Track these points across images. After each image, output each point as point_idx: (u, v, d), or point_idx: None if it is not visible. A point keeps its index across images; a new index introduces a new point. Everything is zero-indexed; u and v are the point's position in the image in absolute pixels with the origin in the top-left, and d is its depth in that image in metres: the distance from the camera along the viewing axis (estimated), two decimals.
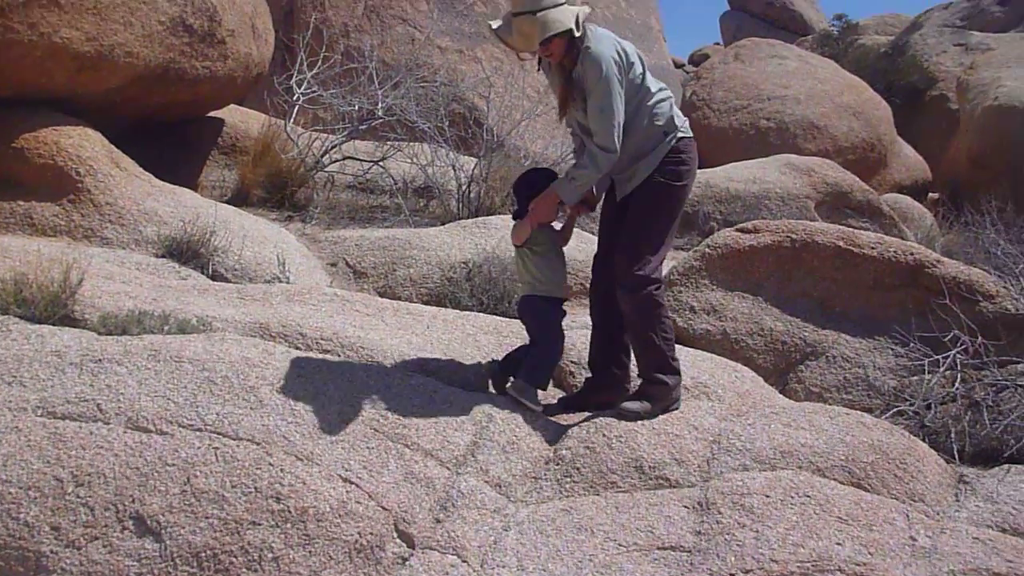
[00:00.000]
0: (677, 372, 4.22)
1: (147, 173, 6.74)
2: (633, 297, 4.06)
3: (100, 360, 3.80)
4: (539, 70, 4.27)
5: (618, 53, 3.96)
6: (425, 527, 3.48)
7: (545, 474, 3.85)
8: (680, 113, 4.23)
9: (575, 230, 4.73)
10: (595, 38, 3.97)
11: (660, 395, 4.15)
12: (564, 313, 4.38)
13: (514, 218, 4.34)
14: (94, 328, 4.14)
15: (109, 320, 4.11)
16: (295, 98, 9.33)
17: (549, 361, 4.29)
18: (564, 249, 4.45)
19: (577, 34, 3.88)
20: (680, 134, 4.13)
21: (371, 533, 3.36)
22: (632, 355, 4.34)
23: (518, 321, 5.18)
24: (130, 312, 4.22)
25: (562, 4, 3.87)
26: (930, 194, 15.58)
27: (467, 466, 3.76)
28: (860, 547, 3.51)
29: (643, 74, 4.08)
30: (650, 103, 4.08)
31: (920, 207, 12.70)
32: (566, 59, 3.99)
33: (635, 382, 4.37)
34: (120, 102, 7.25)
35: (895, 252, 5.83)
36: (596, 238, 4.56)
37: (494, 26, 3.97)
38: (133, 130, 7.77)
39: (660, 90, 4.14)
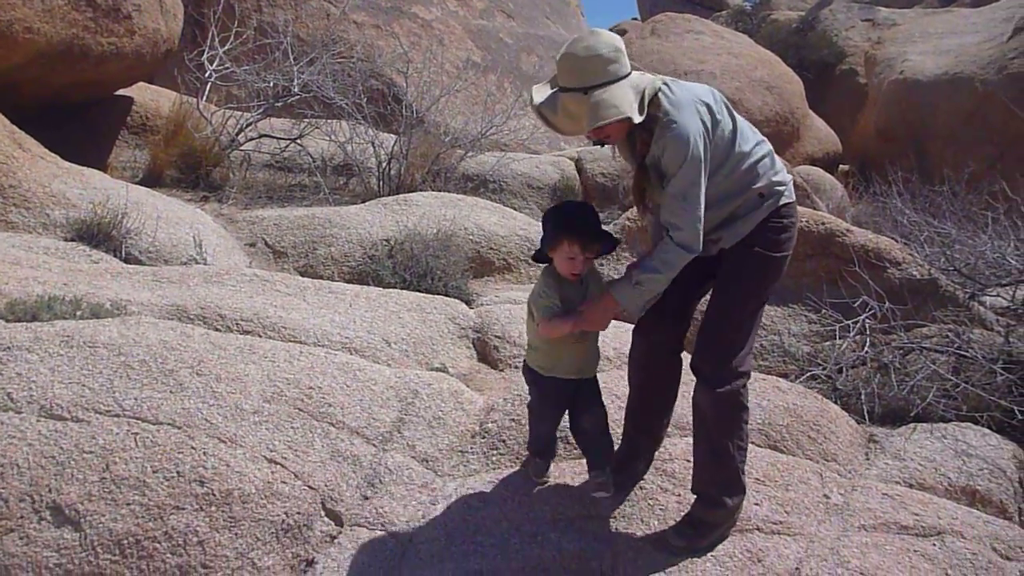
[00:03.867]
0: (743, 490, 3.46)
1: (53, 154, 6.49)
2: (716, 395, 3.28)
3: (9, 348, 3.67)
4: (602, 145, 3.34)
5: (702, 120, 3.11)
6: (353, 504, 3.48)
7: (472, 448, 3.87)
8: (783, 170, 3.39)
9: None
10: (674, 106, 3.09)
11: (719, 521, 3.40)
12: (570, 389, 3.48)
13: (535, 259, 3.46)
14: (1, 316, 3.99)
15: (17, 307, 3.97)
16: (207, 75, 9.08)
17: (536, 435, 3.64)
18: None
19: (638, 120, 3.03)
20: (782, 200, 3.32)
21: (298, 513, 3.35)
22: (666, 422, 3.71)
23: (441, 298, 5.20)
24: (39, 298, 4.08)
25: (624, 78, 3.05)
26: (841, 166, 16.05)
27: (393, 442, 3.76)
28: (777, 506, 3.63)
29: (733, 129, 3.23)
30: (744, 165, 3.24)
31: (832, 179, 13.07)
32: (638, 138, 3.18)
33: (666, 450, 3.84)
34: (22, 81, 6.95)
35: (807, 222, 6.00)
36: None
37: (536, 100, 3.15)
38: (37, 111, 7.47)
39: (757, 145, 3.30)
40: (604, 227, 3.38)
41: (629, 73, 3.09)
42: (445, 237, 6.02)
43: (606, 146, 3.32)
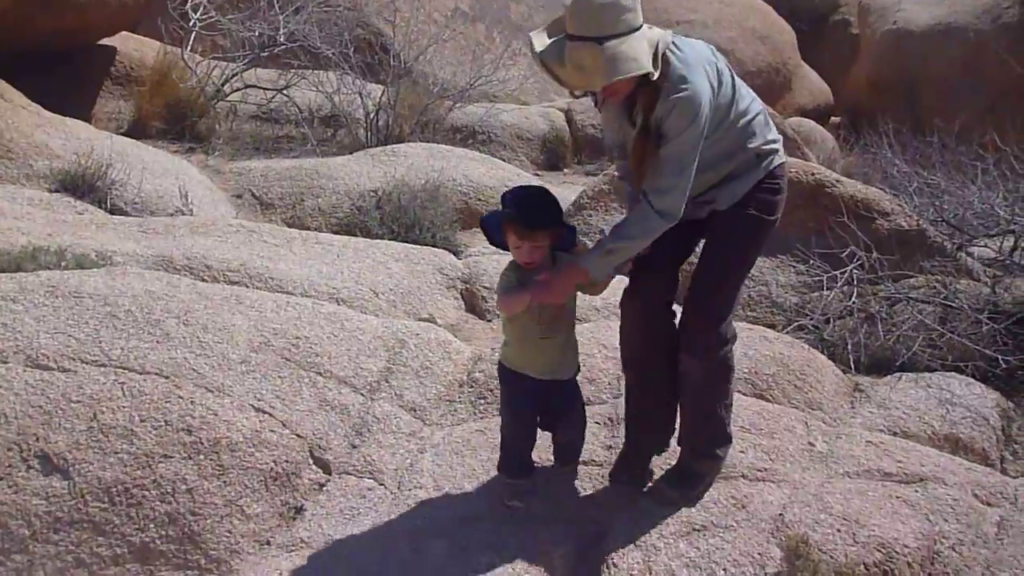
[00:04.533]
0: (730, 439, 3.47)
1: (35, 104, 6.40)
2: (705, 363, 3.21)
3: None
4: (596, 105, 3.17)
5: (710, 82, 2.94)
6: (341, 453, 3.50)
7: (459, 397, 3.89)
8: (774, 128, 3.26)
9: None
10: (685, 64, 2.89)
11: (710, 471, 3.42)
12: (543, 391, 3.21)
13: (492, 243, 3.19)
14: None
15: (1, 257, 3.94)
16: (191, 24, 8.93)
17: (507, 446, 3.30)
18: None
19: (656, 76, 2.83)
20: (776, 160, 3.21)
21: (287, 461, 3.37)
22: (673, 411, 3.44)
23: (429, 248, 5.19)
24: (23, 248, 4.05)
25: (636, 30, 2.82)
26: (832, 118, 15.97)
27: (381, 392, 3.78)
28: (762, 454, 3.67)
29: (733, 88, 3.09)
30: (740, 124, 3.11)
31: (823, 131, 13.03)
32: (643, 97, 2.93)
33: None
34: (1, 28, 6.82)
35: (796, 172, 5.97)
36: None
37: (536, 47, 2.88)
38: (18, 61, 7.34)
39: (752, 102, 3.17)
40: (565, 216, 3.21)
41: (642, 25, 2.86)
42: (433, 188, 5.99)
43: (585, 97, 3.13)
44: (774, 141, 3.23)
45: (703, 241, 3.34)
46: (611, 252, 3.01)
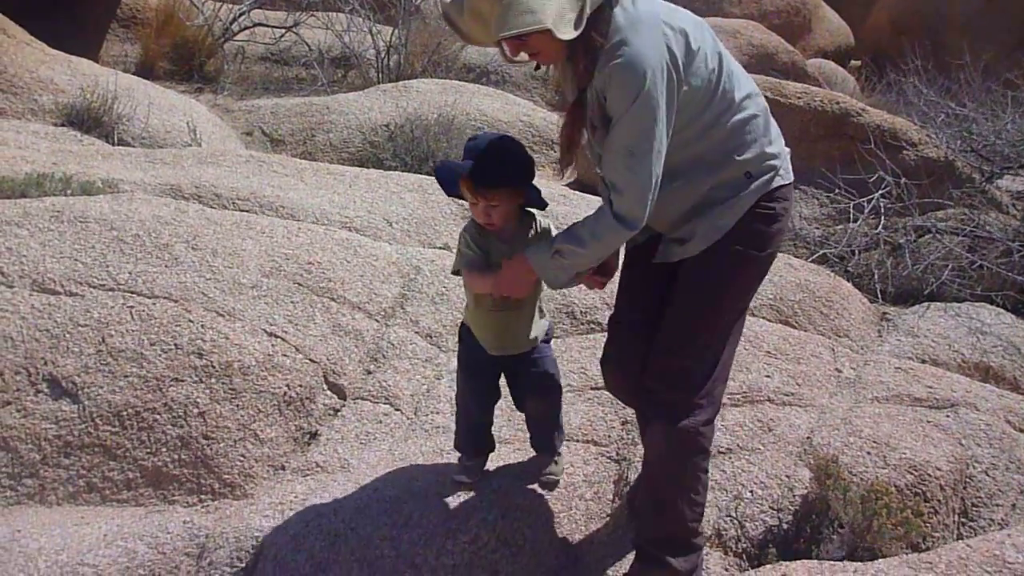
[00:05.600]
0: (697, 548, 2.62)
1: (39, 41, 6.26)
2: (670, 431, 2.46)
3: None
4: (539, 68, 2.52)
5: (668, 47, 2.27)
6: (356, 378, 3.41)
7: None
8: (779, 138, 2.53)
9: None
10: (630, 23, 2.27)
11: None
12: (494, 365, 2.77)
13: (449, 195, 2.66)
14: None
15: (5, 184, 3.84)
16: None
17: (459, 416, 2.90)
18: None
19: (564, 36, 2.20)
20: (776, 181, 2.46)
21: (300, 385, 3.28)
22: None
23: None
24: (28, 175, 3.95)
25: None
26: (852, 61, 15.61)
27: (396, 318, 3.68)
28: (788, 378, 3.56)
29: (719, 67, 2.38)
30: (729, 122, 2.40)
31: (843, 71, 12.74)
32: (578, 62, 2.33)
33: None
34: None
35: (821, 101, 5.81)
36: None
37: None
38: (21, 4, 7.17)
39: (748, 98, 2.44)
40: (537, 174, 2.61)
41: None
42: (446, 122, 5.84)
43: (541, 68, 2.48)
44: (774, 156, 2.45)
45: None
46: (559, 254, 2.41)
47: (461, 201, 3.21)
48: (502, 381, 2.83)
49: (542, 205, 2.62)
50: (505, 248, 2.58)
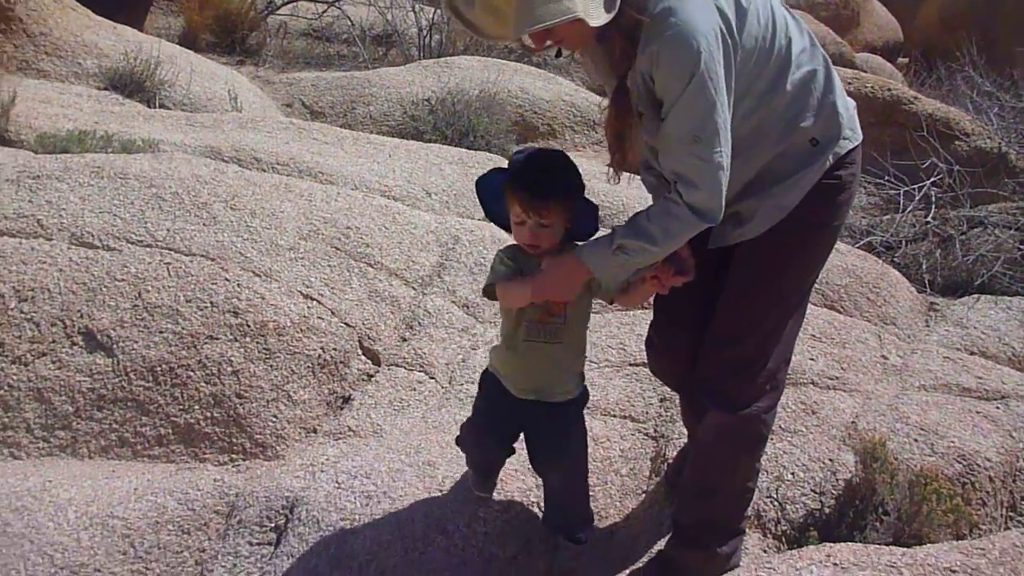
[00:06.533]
0: (741, 532, 2.52)
1: (83, 7, 6.28)
2: (730, 420, 2.28)
3: (39, 177, 3.55)
4: (560, 55, 2.33)
5: (719, 9, 1.97)
6: (391, 344, 3.36)
7: None
8: (842, 89, 2.23)
9: None
10: None
11: (700, 569, 2.45)
12: (519, 412, 2.42)
13: (491, 218, 2.40)
14: (31, 148, 3.87)
15: (47, 139, 3.84)
16: None
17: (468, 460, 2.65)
18: None
19: (596, 22, 1.93)
20: (844, 141, 2.18)
21: (335, 349, 3.24)
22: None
23: (484, 153, 4.99)
24: (70, 132, 3.94)
25: None
26: (900, 58, 15.32)
27: (433, 286, 3.62)
28: (833, 362, 3.46)
29: (773, 23, 2.08)
30: (790, 82, 2.11)
31: (891, 67, 12.50)
32: (614, 46, 2.07)
33: None
34: None
35: (872, 88, 5.67)
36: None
37: None
38: None
39: (802, 52, 2.14)
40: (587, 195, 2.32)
41: None
42: (488, 97, 5.77)
43: (564, 55, 2.20)
44: (840, 115, 2.17)
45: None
46: (622, 249, 2.11)
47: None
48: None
49: (594, 228, 2.33)
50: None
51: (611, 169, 2.25)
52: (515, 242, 2.30)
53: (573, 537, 2.48)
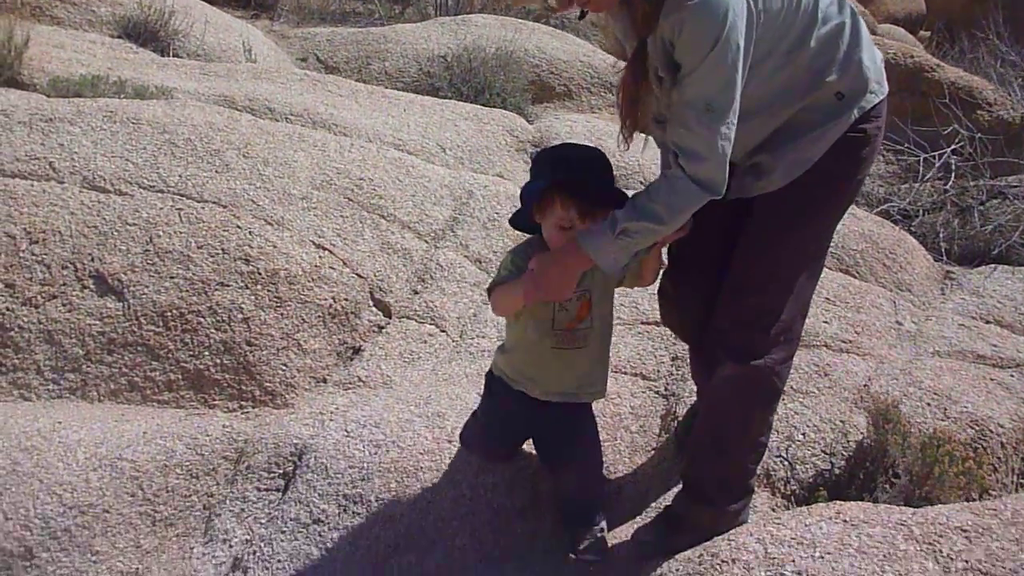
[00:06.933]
0: (750, 491, 2.46)
1: None
2: (744, 372, 2.23)
3: (51, 120, 3.53)
4: (583, 17, 2.18)
5: None
6: (402, 297, 3.35)
7: None
8: (869, 41, 2.17)
9: None
10: None
11: (709, 526, 2.37)
12: (538, 417, 2.40)
13: (514, 223, 2.34)
14: (44, 92, 3.84)
15: (60, 83, 3.81)
16: None
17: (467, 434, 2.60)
18: None
19: None
20: (871, 95, 2.14)
21: (346, 299, 3.22)
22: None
23: (499, 110, 4.94)
24: (83, 77, 3.91)
25: None
26: (921, 32, 15.09)
27: (446, 240, 3.60)
28: (847, 326, 3.43)
29: None
30: (815, 40, 2.07)
31: (913, 38, 12.31)
32: (636, 7, 2.00)
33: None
34: None
35: (895, 54, 5.58)
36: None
37: None
38: None
39: (830, 5, 2.10)
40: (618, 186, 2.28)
41: None
42: (505, 55, 5.70)
43: (587, 16, 2.15)
44: (867, 69, 2.12)
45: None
46: (626, 234, 2.05)
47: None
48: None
49: None
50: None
51: (621, 135, 2.19)
52: (532, 240, 2.25)
53: (592, 524, 2.38)
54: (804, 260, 2.25)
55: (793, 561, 2.06)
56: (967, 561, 2.01)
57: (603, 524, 2.39)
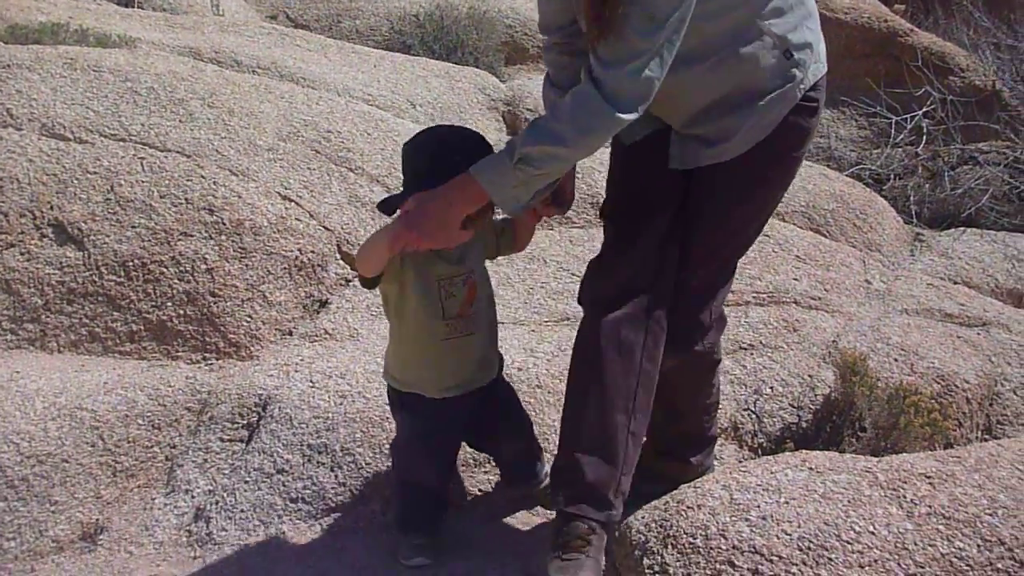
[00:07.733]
0: (712, 440, 2.47)
1: None
2: (693, 354, 2.20)
3: (8, 66, 3.43)
4: None
5: None
6: None
7: None
8: (815, 15, 2.02)
9: None
10: None
11: (670, 473, 2.36)
12: (456, 412, 2.18)
13: (382, 208, 2.01)
14: (1, 38, 3.73)
15: (19, 31, 3.71)
16: None
17: (402, 495, 2.27)
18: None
19: None
20: (820, 65, 2.01)
21: (312, 251, 3.17)
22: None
23: (471, 68, 4.88)
24: (43, 24, 3.80)
25: None
26: (896, 4, 15.12)
27: None
28: (816, 283, 3.44)
29: None
30: None
31: (886, 9, 12.33)
32: None
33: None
34: None
35: (869, 18, 5.57)
36: None
37: None
38: None
39: None
40: None
41: None
42: (478, 15, 5.63)
43: None
44: (812, 30, 1.99)
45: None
46: (525, 161, 1.78)
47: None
48: None
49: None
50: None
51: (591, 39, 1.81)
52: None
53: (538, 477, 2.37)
54: (745, 240, 2.16)
55: (758, 506, 2.06)
56: (930, 506, 2.02)
57: (546, 470, 2.34)
